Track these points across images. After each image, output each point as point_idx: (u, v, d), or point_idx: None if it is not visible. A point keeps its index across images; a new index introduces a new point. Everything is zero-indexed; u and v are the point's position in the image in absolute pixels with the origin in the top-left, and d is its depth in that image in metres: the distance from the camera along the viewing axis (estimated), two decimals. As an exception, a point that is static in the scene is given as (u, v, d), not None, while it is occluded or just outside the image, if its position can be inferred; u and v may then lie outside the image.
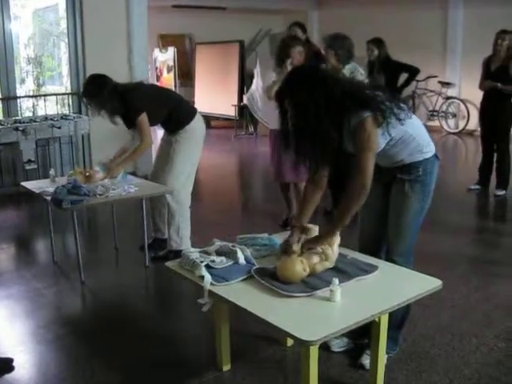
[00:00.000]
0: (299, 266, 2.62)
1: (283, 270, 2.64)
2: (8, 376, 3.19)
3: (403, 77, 7.48)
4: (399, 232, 3.07)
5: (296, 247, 2.83)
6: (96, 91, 4.45)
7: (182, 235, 4.83)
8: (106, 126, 4.83)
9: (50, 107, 8.22)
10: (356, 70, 5.46)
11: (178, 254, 4.30)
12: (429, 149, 3.04)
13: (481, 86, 6.93)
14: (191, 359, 3.40)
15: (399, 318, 3.13)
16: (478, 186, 7.11)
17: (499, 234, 5.48)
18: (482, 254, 5.08)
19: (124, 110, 4.53)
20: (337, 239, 2.88)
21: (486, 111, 6.93)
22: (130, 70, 8.02)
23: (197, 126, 4.82)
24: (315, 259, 2.74)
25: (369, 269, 2.79)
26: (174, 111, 4.75)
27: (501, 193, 6.85)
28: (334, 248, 2.83)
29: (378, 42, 7.26)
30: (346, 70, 5.41)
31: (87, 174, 4.59)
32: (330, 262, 2.76)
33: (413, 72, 7.50)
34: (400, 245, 3.08)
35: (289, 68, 5.17)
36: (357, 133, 2.74)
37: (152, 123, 4.66)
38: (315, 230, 2.98)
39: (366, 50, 7.27)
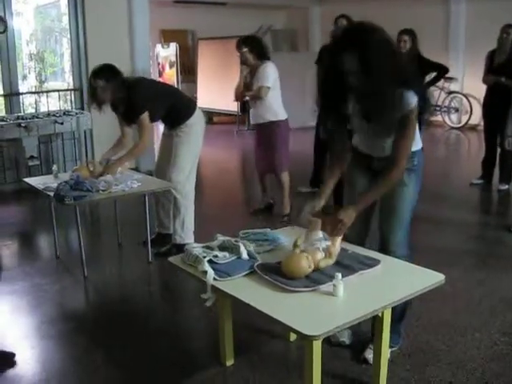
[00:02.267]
0: (305, 262, 2.62)
1: (288, 265, 2.64)
2: (12, 371, 3.21)
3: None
4: (397, 221, 3.09)
5: (300, 242, 2.82)
6: (108, 80, 4.45)
7: (186, 229, 4.87)
8: (109, 121, 4.84)
9: (52, 103, 8.22)
10: None
11: (180, 248, 4.36)
12: (419, 140, 3.07)
13: (484, 80, 6.90)
14: (195, 354, 3.40)
15: (399, 310, 3.13)
16: (480, 181, 7.10)
17: (502, 229, 5.47)
18: (485, 248, 5.07)
19: (128, 104, 4.54)
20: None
21: (490, 106, 6.89)
22: (132, 65, 8.00)
23: (198, 120, 4.87)
24: (319, 255, 2.73)
25: (371, 263, 2.79)
26: (175, 106, 4.78)
27: (504, 187, 6.85)
28: (337, 244, 2.83)
29: (412, 34, 6.65)
30: None
31: (91, 168, 4.60)
32: (333, 258, 2.76)
33: (442, 71, 6.91)
34: (397, 235, 3.10)
35: (243, 71, 5.63)
36: (407, 120, 2.78)
37: (153, 119, 4.68)
38: (318, 224, 2.97)
39: (397, 41, 6.44)
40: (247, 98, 5.87)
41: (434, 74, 6.84)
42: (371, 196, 2.95)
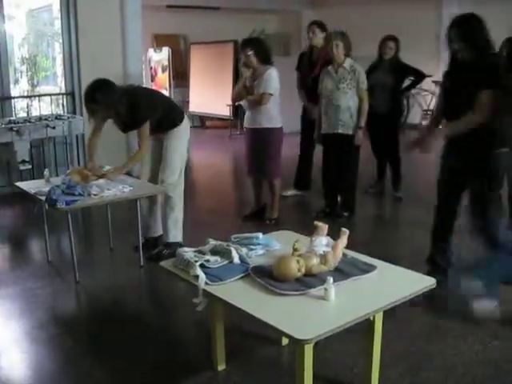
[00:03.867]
0: (294, 265, 2.62)
1: (278, 268, 2.64)
2: (2, 375, 3.19)
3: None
4: None
5: (297, 246, 2.81)
6: (107, 97, 4.43)
7: (178, 228, 4.95)
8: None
9: (44, 107, 8.19)
10: (355, 64, 5.78)
11: (172, 247, 4.59)
12: None
13: None
14: (186, 359, 3.39)
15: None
16: None
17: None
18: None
19: (129, 116, 4.57)
20: (342, 243, 2.87)
21: None
22: (125, 69, 7.99)
23: (186, 124, 5.01)
24: (314, 261, 2.72)
25: (367, 269, 2.78)
26: (168, 112, 4.89)
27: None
28: (337, 252, 2.81)
29: (396, 41, 6.67)
30: (347, 63, 5.73)
31: (85, 172, 4.59)
32: (328, 266, 2.72)
33: (420, 76, 6.92)
34: None
35: (245, 73, 5.61)
36: None
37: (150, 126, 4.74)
38: (324, 230, 2.96)
39: (382, 47, 6.66)
40: (242, 102, 5.88)
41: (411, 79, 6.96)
42: None
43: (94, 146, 4.87)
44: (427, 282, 2.70)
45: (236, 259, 2.83)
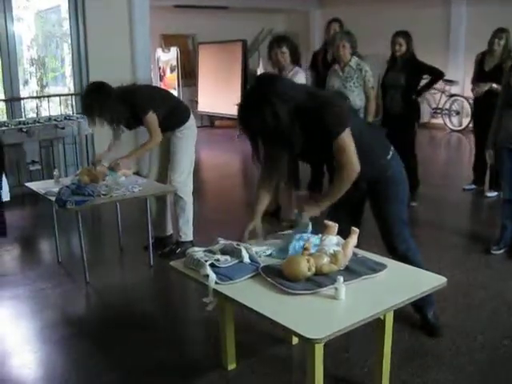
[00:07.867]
0: (304, 264, 2.61)
1: (288, 267, 2.63)
2: (13, 375, 3.21)
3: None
4: None
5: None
6: (100, 104, 4.43)
7: (190, 226, 4.99)
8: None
9: (53, 108, 8.23)
10: (361, 62, 5.80)
11: (184, 245, 4.69)
12: None
13: (475, 91, 6.71)
14: (196, 358, 3.40)
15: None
16: (473, 186, 7.00)
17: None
18: (487, 251, 5.04)
19: (129, 111, 4.57)
20: (352, 242, 2.85)
21: (480, 110, 6.66)
22: (133, 70, 8.02)
23: (193, 123, 5.00)
24: (324, 260, 2.71)
25: (377, 268, 2.76)
26: (175, 109, 4.88)
27: (492, 194, 6.66)
28: (348, 251, 2.80)
29: (406, 36, 6.24)
30: (353, 62, 5.77)
31: (95, 173, 4.59)
32: (339, 265, 2.70)
33: (437, 75, 6.57)
34: None
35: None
36: None
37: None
38: (334, 229, 2.95)
39: (392, 43, 6.26)
40: None
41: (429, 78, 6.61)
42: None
43: (110, 148, 4.95)
44: (437, 281, 2.69)
45: (246, 258, 2.82)
